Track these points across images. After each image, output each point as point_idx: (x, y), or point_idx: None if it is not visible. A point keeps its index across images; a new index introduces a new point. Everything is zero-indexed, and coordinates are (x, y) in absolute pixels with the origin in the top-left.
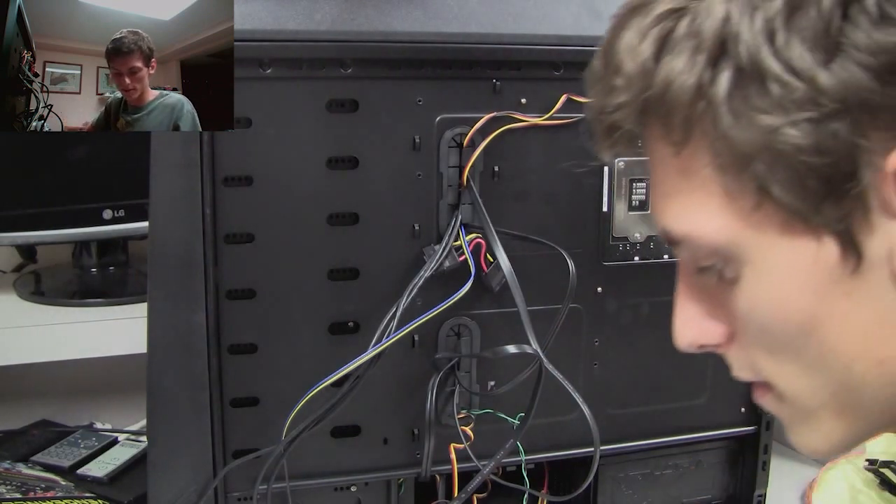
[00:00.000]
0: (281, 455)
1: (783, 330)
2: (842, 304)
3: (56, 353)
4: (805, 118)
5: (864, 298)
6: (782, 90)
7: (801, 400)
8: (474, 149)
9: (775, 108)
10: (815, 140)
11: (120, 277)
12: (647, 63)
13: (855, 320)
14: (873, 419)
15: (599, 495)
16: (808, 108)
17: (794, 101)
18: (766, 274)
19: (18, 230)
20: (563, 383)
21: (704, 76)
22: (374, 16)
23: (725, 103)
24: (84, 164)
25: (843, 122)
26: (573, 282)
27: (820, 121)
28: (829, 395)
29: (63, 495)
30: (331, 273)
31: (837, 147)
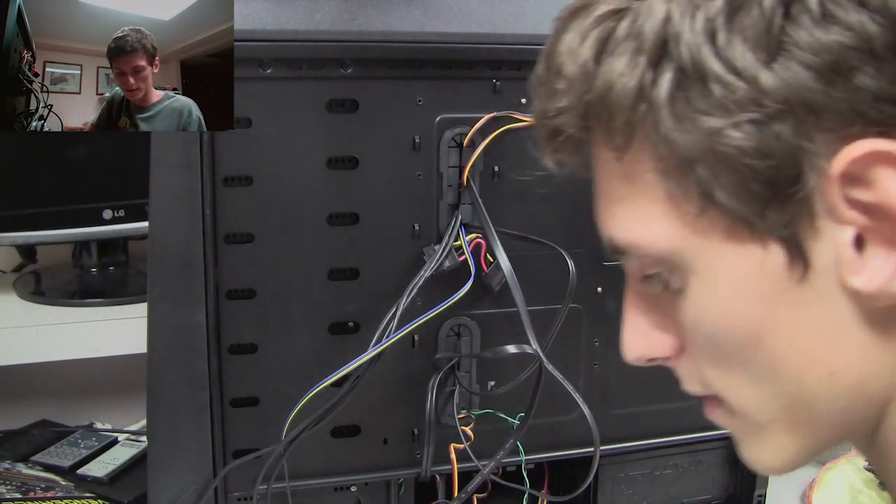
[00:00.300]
0: (281, 455)
1: (731, 341)
2: (790, 313)
3: (56, 353)
4: (747, 119)
5: (813, 307)
6: (724, 91)
7: (752, 414)
8: (474, 149)
9: (717, 110)
10: (757, 142)
11: (120, 277)
12: (587, 65)
13: (804, 330)
14: (825, 433)
15: (599, 495)
16: (751, 109)
17: (735, 101)
18: (712, 282)
19: (18, 230)
20: (563, 383)
21: (645, 78)
22: (374, 16)
23: (667, 105)
24: (84, 164)
25: (786, 124)
26: (573, 282)
27: (763, 122)
28: (780, 409)
29: (63, 495)
30: (331, 273)
31: (781, 149)
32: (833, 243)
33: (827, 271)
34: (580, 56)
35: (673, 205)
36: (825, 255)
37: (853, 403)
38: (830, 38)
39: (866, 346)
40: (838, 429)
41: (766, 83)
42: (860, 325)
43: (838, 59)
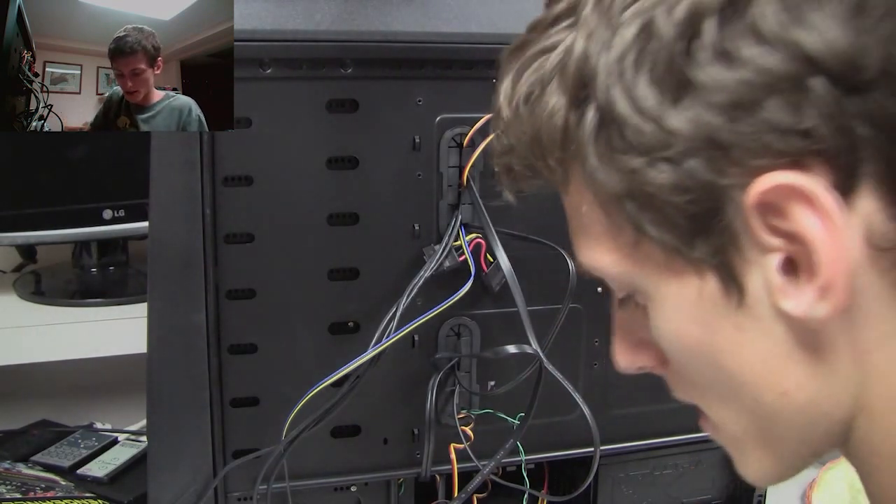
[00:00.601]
0: (281, 455)
1: (691, 361)
2: (735, 337)
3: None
4: (661, 158)
5: (755, 332)
6: (634, 132)
7: (727, 428)
8: (474, 149)
9: (632, 150)
10: (674, 179)
11: (120, 277)
12: (518, 108)
13: (751, 353)
14: (796, 448)
15: (599, 495)
16: (661, 148)
17: (645, 142)
18: (661, 306)
19: (18, 230)
20: (563, 383)
21: (570, 119)
22: (374, 16)
23: (591, 144)
24: (84, 164)
25: (697, 161)
26: (573, 282)
27: (675, 160)
28: (748, 424)
29: (63, 495)
30: (331, 273)
31: (696, 185)
32: (762, 270)
33: (761, 297)
34: (513, 99)
35: (612, 236)
36: (757, 281)
37: (812, 420)
38: (729, 76)
39: (810, 367)
40: (807, 444)
41: (672, 124)
42: (801, 347)
43: (739, 95)
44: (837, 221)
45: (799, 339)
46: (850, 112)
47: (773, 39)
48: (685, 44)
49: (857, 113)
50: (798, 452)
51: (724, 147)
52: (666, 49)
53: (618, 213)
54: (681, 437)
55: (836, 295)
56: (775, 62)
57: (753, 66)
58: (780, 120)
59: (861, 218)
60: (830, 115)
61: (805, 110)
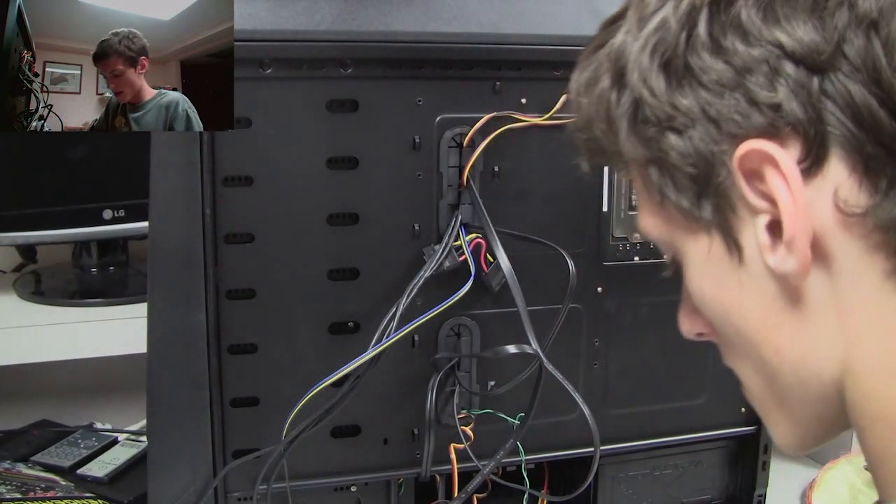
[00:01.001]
0: (281, 455)
1: (712, 317)
2: (738, 293)
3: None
4: (669, 127)
5: (753, 288)
6: (649, 108)
7: (752, 390)
8: (474, 149)
9: (648, 122)
10: (680, 146)
11: (120, 277)
12: (581, 93)
13: (750, 308)
14: (804, 411)
15: (599, 495)
16: (669, 120)
17: (657, 116)
18: (687, 265)
19: (18, 230)
20: (563, 383)
21: (612, 99)
22: (374, 16)
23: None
24: (84, 164)
25: (696, 131)
26: (573, 282)
27: (680, 130)
28: (763, 384)
29: (63, 495)
30: (331, 273)
31: (696, 152)
32: (754, 230)
33: (754, 255)
34: (578, 86)
35: (648, 201)
36: (751, 240)
37: (804, 381)
38: (717, 61)
39: (798, 325)
40: (810, 407)
41: (676, 101)
42: (790, 305)
43: (725, 76)
44: (795, 183)
45: (787, 296)
46: (815, 90)
47: (754, 34)
48: (686, 35)
49: (822, 90)
50: (808, 417)
51: (715, 120)
52: (673, 39)
53: (647, 179)
54: (681, 437)
55: (799, 250)
56: (755, 52)
57: (737, 54)
58: (757, 95)
59: (831, 184)
60: (798, 92)
61: (777, 88)
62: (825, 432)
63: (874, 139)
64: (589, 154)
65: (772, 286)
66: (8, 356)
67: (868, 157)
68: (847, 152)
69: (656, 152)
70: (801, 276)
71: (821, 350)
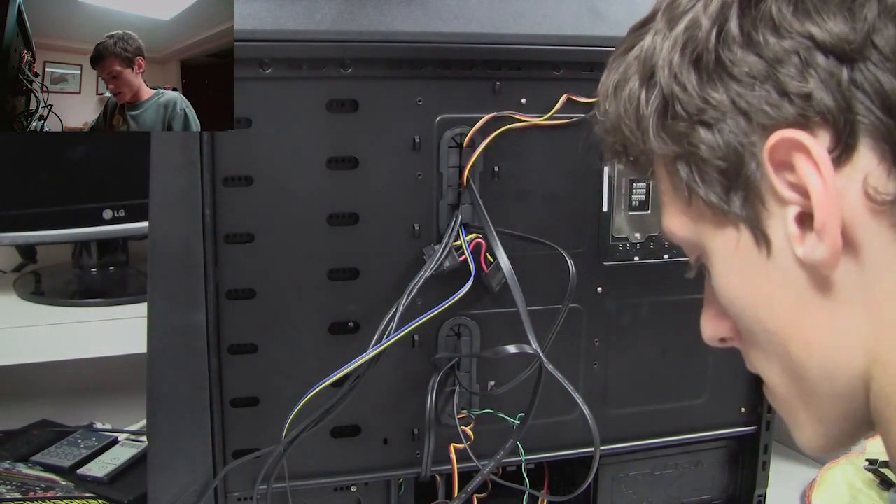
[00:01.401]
0: (281, 455)
1: (739, 315)
2: (766, 287)
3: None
4: (699, 121)
5: (781, 280)
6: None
7: (776, 391)
8: (474, 149)
9: (679, 118)
10: (710, 140)
11: (120, 277)
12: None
13: (779, 301)
14: (830, 409)
15: (599, 495)
16: (699, 114)
17: (688, 111)
18: (713, 261)
19: (18, 230)
20: (563, 383)
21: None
22: (374, 16)
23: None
24: (84, 164)
25: (726, 124)
26: (573, 282)
27: (711, 124)
28: (789, 382)
29: (63, 495)
30: (331, 273)
31: (726, 144)
32: (783, 221)
33: (783, 246)
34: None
35: (675, 199)
36: (779, 232)
37: (832, 374)
38: (748, 54)
39: (827, 315)
40: (837, 403)
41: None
42: (819, 295)
43: (757, 69)
44: (826, 170)
45: (816, 287)
46: (845, 80)
47: (785, 27)
48: (717, 31)
49: (852, 80)
50: (834, 415)
51: (746, 112)
52: (704, 35)
53: (675, 176)
54: (681, 437)
55: (830, 236)
56: (786, 44)
57: (768, 46)
58: (788, 86)
59: (861, 173)
60: (828, 82)
61: (808, 78)
62: (851, 432)
63: None
64: (615, 156)
65: (801, 278)
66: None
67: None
68: (876, 141)
69: (686, 147)
70: (831, 265)
71: (849, 340)
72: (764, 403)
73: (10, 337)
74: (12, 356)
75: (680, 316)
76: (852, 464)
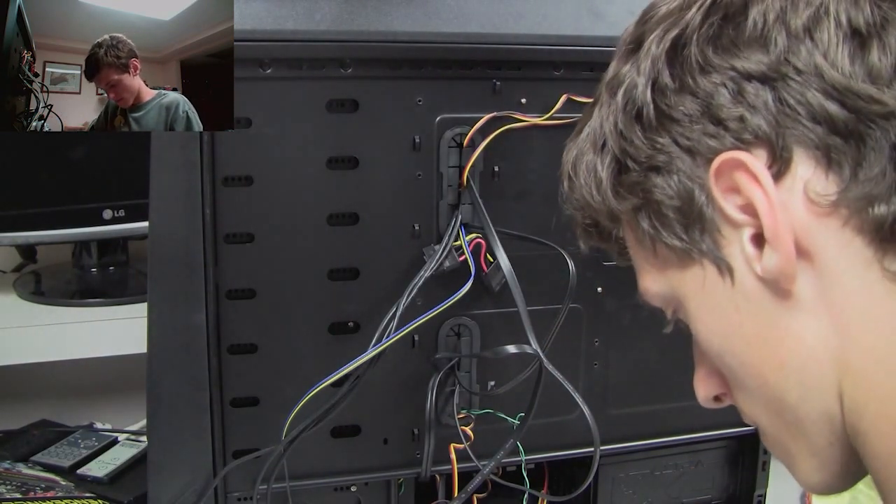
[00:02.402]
0: (281, 455)
1: (718, 355)
2: (735, 316)
3: (56, 353)
4: (651, 168)
5: (749, 307)
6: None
7: (766, 431)
8: (474, 149)
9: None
10: (661, 183)
11: (120, 277)
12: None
13: (750, 328)
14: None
15: (599, 495)
16: (650, 161)
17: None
18: (689, 307)
19: (18, 230)
20: (563, 383)
21: (598, 168)
22: (374, 16)
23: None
24: (84, 164)
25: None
26: (573, 282)
27: (662, 169)
28: (774, 417)
29: (63, 495)
30: (331, 273)
31: (676, 184)
32: (740, 245)
33: (745, 270)
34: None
35: (643, 251)
36: (738, 257)
37: (809, 394)
38: (684, 97)
39: (796, 328)
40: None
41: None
42: (784, 310)
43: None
44: (766, 182)
45: (780, 303)
46: (772, 100)
47: (711, 66)
48: (651, 86)
49: (778, 99)
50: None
51: (689, 149)
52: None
53: (637, 230)
54: (681, 437)
55: (783, 244)
56: (715, 79)
57: (699, 86)
58: (721, 114)
59: (800, 181)
60: (757, 105)
61: (738, 105)
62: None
63: (829, 130)
64: (587, 235)
65: (765, 298)
66: (8, 356)
67: (828, 148)
68: (809, 149)
69: (642, 196)
70: (789, 275)
71: (819, 354)
72: None
73: (10, 337)
74: (12, 356)
75: None
76: None
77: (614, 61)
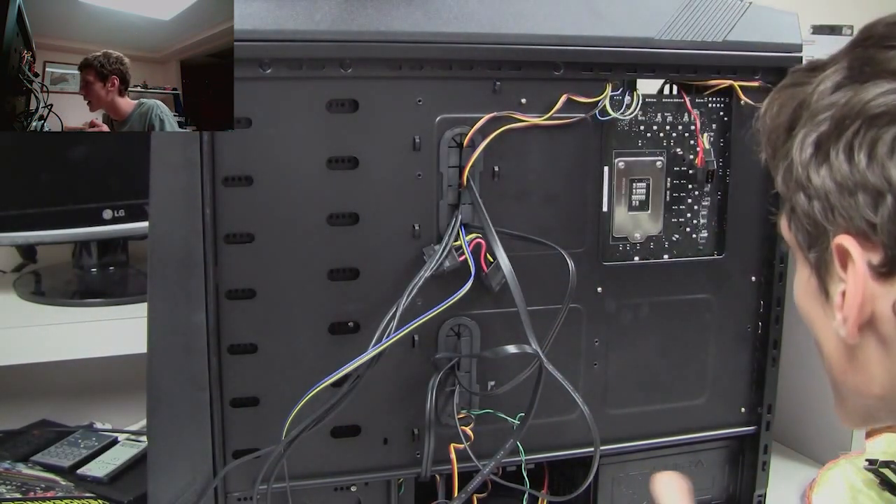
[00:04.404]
0: (281, 455)
1: (803, 318)
2: (822, 319)
3: (56, 353)
4: (801, 188)
5: (830, 325)
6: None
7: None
8: (474, 149)
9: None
10: (804, 207)
11: (120, 277)
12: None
13: (827, 336)
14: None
15: (599, 495)
16: (803, 185)
17: (797, 179)
18: (797, 273)
19: (18, 230)
20: (563, 383)
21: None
22: (374, 16)
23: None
24: (84, 164)
25: (817, 203)
26: (573, 282)
27: (809, 196)
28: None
29: (63, 495)
30: (331, 273)
31: (813, 216)
32: (839, 288)
33: (836, 306)
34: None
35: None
36: (836, 294)
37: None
38: (844, 168)
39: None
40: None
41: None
42: (849, 350)
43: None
44: (860, 281)
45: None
46: None
47: (876, 160)
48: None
49: None
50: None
51: (832, 207)
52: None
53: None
54: (681, 437)
55: (849, 327)
56: (871, 177)
57: (858, 169)
58: (862, 211)
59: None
60: (892, 220)
61: (878, 212)
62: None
63: None
64: None
65: (840, 335)
66: (8, 356)
67: None
68: None
69: (789, 196)
70: (852, 340)
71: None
72: (764, 403)
73: (10, 337)
74: (12, 356)
75: (680, 316)
76: (852, 464)
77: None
